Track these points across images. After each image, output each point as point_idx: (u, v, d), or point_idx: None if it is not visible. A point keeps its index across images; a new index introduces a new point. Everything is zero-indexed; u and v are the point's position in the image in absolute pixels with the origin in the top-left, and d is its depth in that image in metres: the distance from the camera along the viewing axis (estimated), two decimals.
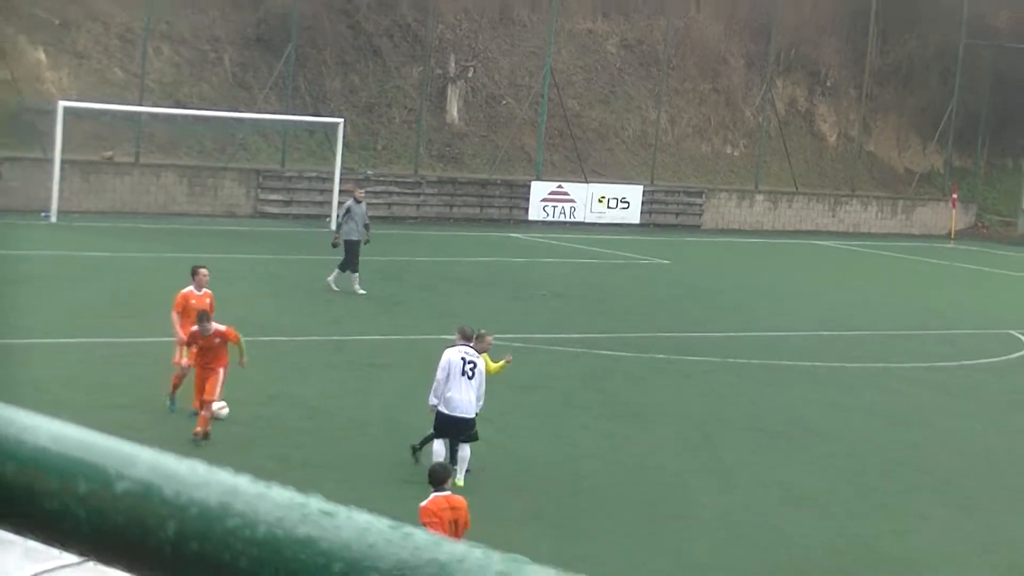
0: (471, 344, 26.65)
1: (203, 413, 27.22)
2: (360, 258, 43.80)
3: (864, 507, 27.93)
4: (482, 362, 26.37)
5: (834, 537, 26.06)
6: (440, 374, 26.04)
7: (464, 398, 25.81)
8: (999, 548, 26.39)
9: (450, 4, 67.41)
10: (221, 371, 27.84)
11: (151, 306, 39.74)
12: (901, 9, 75.33)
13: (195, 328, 28.07)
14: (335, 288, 43.41)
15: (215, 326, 28.03)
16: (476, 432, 26.09)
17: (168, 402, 29.71)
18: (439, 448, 25.73)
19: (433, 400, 25.95)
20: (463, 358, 26.07)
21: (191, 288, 31.12)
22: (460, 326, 27.87)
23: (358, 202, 44.99)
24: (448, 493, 19.81)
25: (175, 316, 30.66)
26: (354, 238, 43.96)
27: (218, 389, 27.77)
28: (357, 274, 43.67)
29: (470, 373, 25.96)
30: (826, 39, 75.64)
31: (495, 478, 26.37)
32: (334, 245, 44.20)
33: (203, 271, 31.88)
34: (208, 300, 31.19)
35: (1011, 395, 38.11)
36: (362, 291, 43.37)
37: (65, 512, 1.47)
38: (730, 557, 24.56)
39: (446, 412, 25.77)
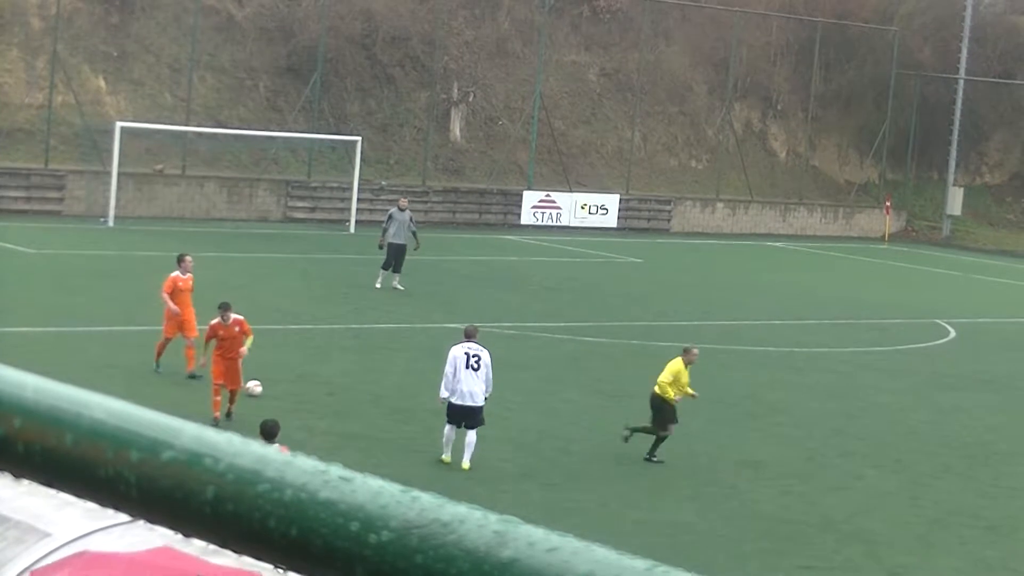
0: (475, 340, 26.28)
1: (218, 397, 26.97)
2: (404, 260, 43.75)
3: (808, 468, 28.03)
4: (486, 354, 25.91)
5: (782, 494, 26.15)
6: (448, 368, 25.73)
7: (471, 388, 25.49)
8: (923, 502, 26.46)
9: (454, 38, 67.35)
10: (241, 361, 27.27)
11: (195, 297, 39.74)
12: (840, 44, 75.29)
13: (216, 320, 27.38)
14: (379, 286, 43.39)
15: (233, 316, 27.49)
16: (483, 418, 25.63)
17: (154, 366, 30.57)
18: (448, 432, 25.53)
19: (444, 393, 25.64)
20: (467, 353, 25.74)
21: (178, 272, 31.71)
22: (466, 327, 27.54)
23: (401, 210, 44.82)
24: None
25: (165, 296, 31.32)
26: (398, 242, 43.87)
27: (241, 376, 27.40)
28: (398, 273, 43.60)
29: (475, 365, 25.61)
30: (777, 69, 75.60)
31: (496, 442, 26.34)
32: (380, 247, 44.14)
33: (188, 258, 32.90)
34: (191, 282, 32.10)
35: (935, 375, 38.15)
36: (401, 288, 43.23)
37: (118, 478, 1.47)
38: (693, 510, 24.64)
39: (456, 402, 25.45)
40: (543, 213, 64.59)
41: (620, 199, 66.93)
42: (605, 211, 66.23)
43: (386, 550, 1.31)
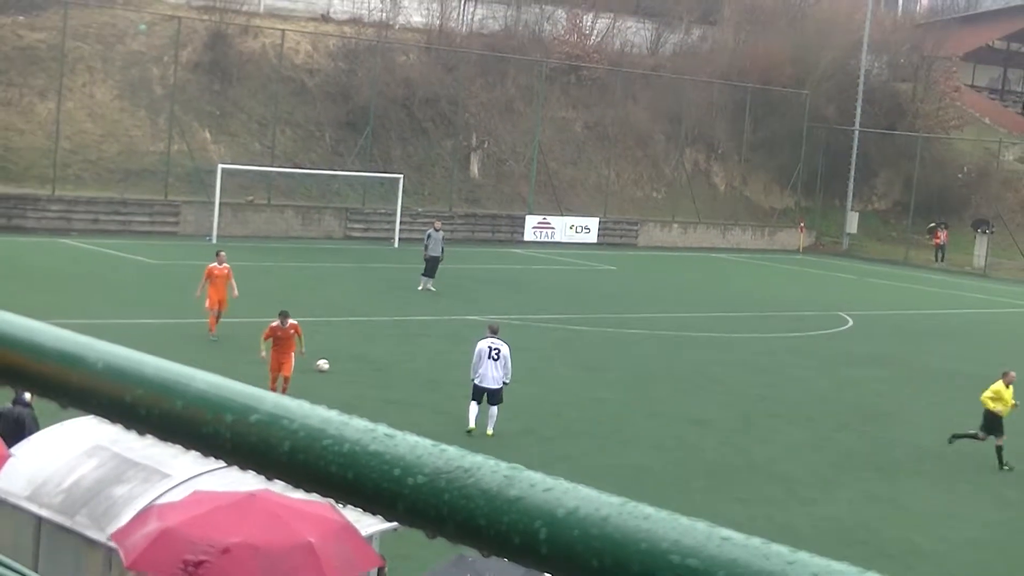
0: (497, 335, 25.81)
1: (274, 385, 25.91)
2: (438, 268, 44.01)
3: (741, 426, 28.03)
4: (505, 348, 25.45)
5: (721, 445, 26.17)
6: (475, 359, 25.44)
7: (491, 374, 25.16)
8: (827, 451, 26.49)
9: (472, 100, 67.40)
10: (292, 355, 26.53)
11: (277, 296, 39.78)
12: (765, 103, 75.28)
13: (275, 323, 26.56)
14: (420, 288, 43.56)
15: (290, 321, 26.62)
16: (502, 396, 25.24)
17: (211, 337, 31.85)
18: (473, 408, 25.19)
19: (472, 375, 25.40)
20: (489, 346, 25.41)
21: (214, 264, 32.67)
22: (489, 323, 27.30)
23: (437, 230, 45.05)
24: None
25: (204, 281, 32.88)
26: (434, 254, 44.09)
27: (292, 367, 26.50)
28: (432, 279, 43.76)
29: (495, 356, 25.21)
30: (717, 122, 75.59)
31: (504, 408, 26.35)
32: (424, 260, 44.34)
33: (222, 253, 34.37)
34: (227, 270, 33.27)
35: (837, 354, 38.17)
36: (433, 289, 43.43)
37: (217, 434, 1.47)
38: (654, 458, 24.66)
39: (479, 384, 25.18)
40: (541, 232, 64.63)
41: (599, 221, 67.00)
42: (588, 230, 66.27)
43: (421, 490, 1.31)
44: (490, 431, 25.00)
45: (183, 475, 13.20)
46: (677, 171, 73.42)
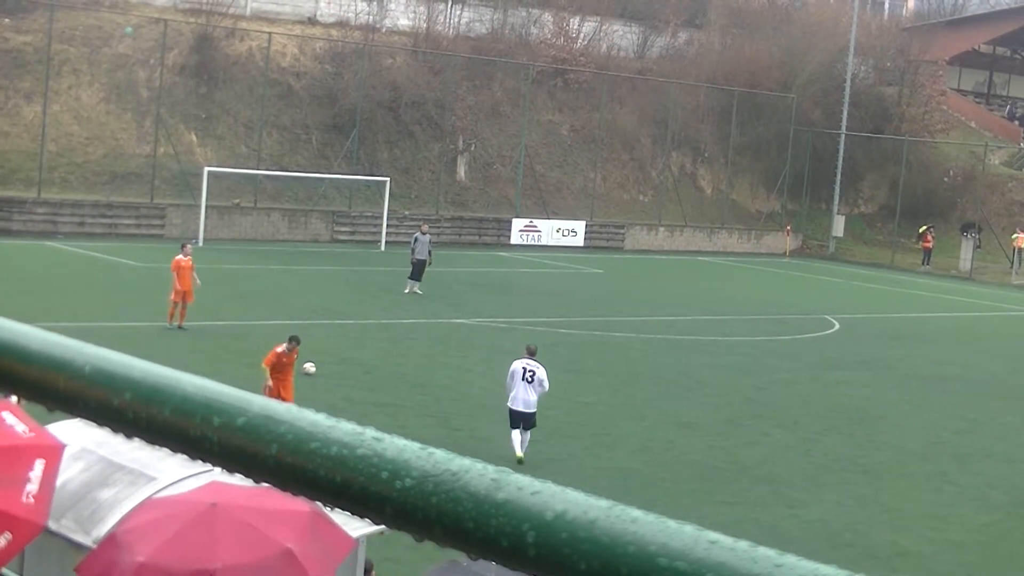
0: (534, 357, 24.40)
1: None
2: (425, 271, 43.83)
3: (727, 428, 28.03)
4: (541, 371, 24.01)
5: (707, 447, 26.16)
6: (508, 379, 24.18)
7: (525, 397, 23.78)
8: (814, 453, 26.50)
9: (459, 103, 67.41)
10: (291, 387, 24.38)
11: (264, 299, 39.77)
12: (752, 106, 75.41)
13: (281, 349, 24.19)
14: (406, 291, 43.49)
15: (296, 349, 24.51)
16: (535, 421, 23.88)
17: (167, 325, 32.95)
18: (515, 436, 23.75)
19: (507, 396, 24.13)
20: (524, 368, 24.03)
21: (180, 256, 33.37)
22: (527, 345, 25.40)
23: (424, 234, 44.94)
24: None
25: (174, 273, 33.56)
26: (420, 258, 43.97)
27: (293, 393, 24.31)
28: (419, 282, 43.68)
29: (529, 378, 23.85)
30: (704, 126, 75.69)
31: (493, 411, 26.33)
32: (411, 263, 44.23)
33: (188, 246, 35.12)
34: (191, 263, 33.92)
35: (823, 357, 38.21)
36: (420, 292, 43.31)
37: (204, 438, 1.47)
38: (641, 461, 24.65)
39: (513, 408, 23.81)
40: (528, 235, 64.66)
41: (586, 224, 67.04)
42: (575, 233, 66.30)
43: (409, 493, 1.31)
44: (520, 453, 23.70)
45: (170, 478, 13.17)
46: (663, 174, 73.49)
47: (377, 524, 1.35)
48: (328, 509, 1.41)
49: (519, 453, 23.54)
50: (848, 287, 59.20)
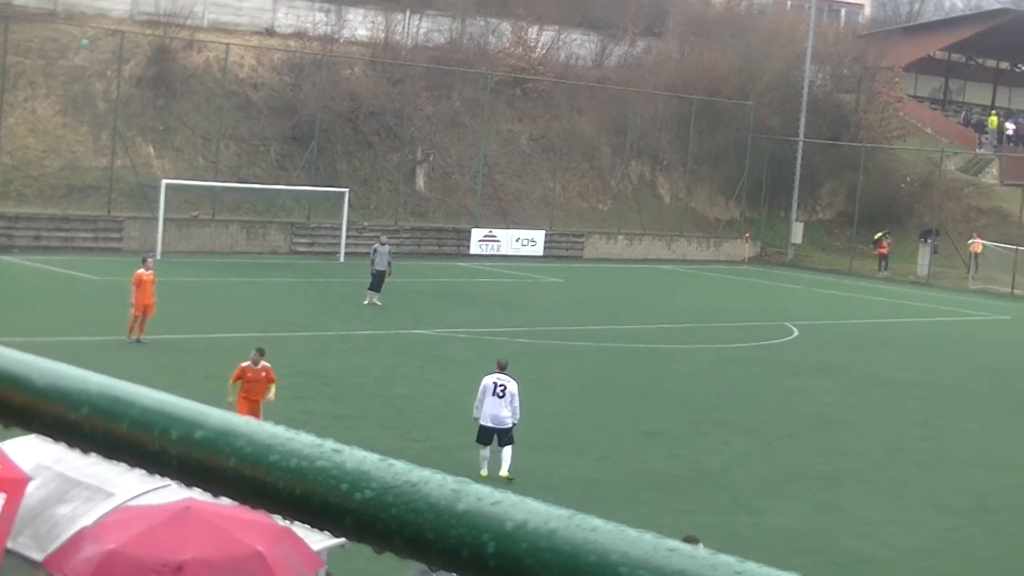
0: (505, 371, 24.00)
1: None
2: (384, 283, 43.75)
3: (690, 436, 28.10)
4: (513, 384, 23.62)
5: (669, 456, 26.22)
6: (479, 394, 23.72)
7: (496, 412, 23.38)
8: (775, 460, 26.61)
9: (418, 113, 67.35)
10: (261, 404, 23.67)
11: (224, 312, 39.66)
12: (710, 114, 75.65)
13: (246, 363, 23.68)
14: (366, 303, 43.38)
15: (264, 363, 23.82)
16: (513, 436, 23.48)
17: (127, 339, 32.77)
18: (483, 452, 23.41)
19: (476, 413, 23.68)
20: (495, 382, 23.65)
21: (142, 270, 33.28)
22: (498, 359, 24.87)
23: (383, 245, 44.86)
24: None
25: (133, 288, 33.43)
26: (380, 269, 43.88)
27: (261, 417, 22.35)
28: (379, 293, 43.60)
29: (500, 393, 23.46)
30: (663, 134, 75.86)
31: (454, 420, 26.29)
32: (371, 274, 44.12)
33: (149, 260, 35.28)
34: (153, 276, 33.85)
35: (783, 364, 38.36)
36: (379, 303, 43.20)
37: (163, 452, 1.47)
38: (602, 471, 24.67)
39: (484, 423, 23.43)
40: (487, 245, 64.67)
41: (545, 233, 67.10)
42: (534, 243, 66.36)
43: (368, 505, 1.31)
44: (504, 472, 23.19)
45: (128, 493, 13.09)
46: (623, 183, 73.64)
47: (337, 536, 1.35)
48: (289, 522, 1.41)
49: (484, 471, 23.21)
50: (807, 294, 59.46)
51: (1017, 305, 61.62)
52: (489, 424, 23.49)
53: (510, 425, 23.55)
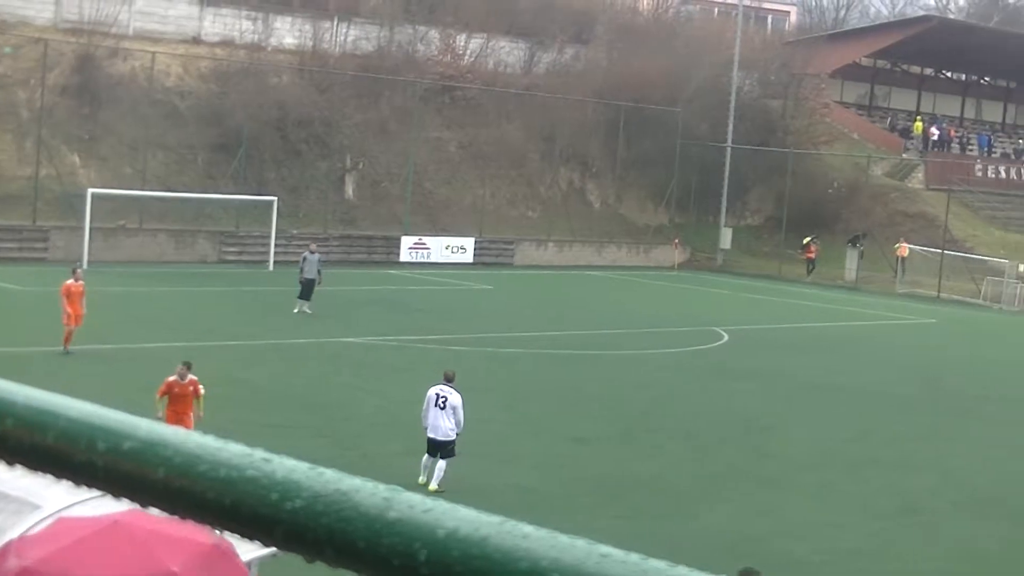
0: (451, 383, 23.91)
1: None
2: (314, 291, 43.59)
3: (621, 442, 28.19)
4: (454, 396, 23.54)
5: (602, 462, 26.28)
6: (424, 405, 23.77)
7: (438, 423, 23.38)
8: (709, 463, 26.73)
9: (346, 121, 67.17)
10: (191, 416, 23.10)
11: (152, 322, 39.36)
12: (638, 121, 75.93)
13: (173, 378, 23.33)
14: (296, 311, 43.22)
15: (191, 376, 23.41)
16: (453, 449, 23.39)
17: (64, 350, 32.59)
18: (425, 460, 23.51)
19: (423, 423, 23.67)
20: (437, 394, 23.63)
21: (71, 280, 33.06)
22: (445, 371, 24.73)
23: (312, 253, 44.68)
24: None
25: (63, 298, 33.22)
26: (310, 277, 43.73)
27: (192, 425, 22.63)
28: (308, 301, 43.44)
29: (442, 405, 23.41)
30: (591, 141, 76.07)
31: (385, 428, 26.21)
32: (300, 283, 43.93)
33: (79, 270, 34.73)
34: (82, 287, 33.51)
35: (712, 368, 38.56)
36: (309, 312, 43.06)
37: (90, 463, 1.44)
38: (536, 478, 24.70)
39: (430, 435, 23.43)
40: (417, 252, 64.62)
41: (475, 241, 67.13)
42: (464, 250, 66.38)
43: (299, 514, 1.30)
44: (433, 486, 23.03)
45: (56, 505, 12.96)
46: (552, 190, 73.79)
47: (268, 546, 1.34)
48: (219, 533, 1.40)
49: (421, 479, 23.24)
50: (736, 299, 59.82)
51: (943, 308, 62.32)
52: (436, 436, 23.49)
53: (452, 438, 23.47)
